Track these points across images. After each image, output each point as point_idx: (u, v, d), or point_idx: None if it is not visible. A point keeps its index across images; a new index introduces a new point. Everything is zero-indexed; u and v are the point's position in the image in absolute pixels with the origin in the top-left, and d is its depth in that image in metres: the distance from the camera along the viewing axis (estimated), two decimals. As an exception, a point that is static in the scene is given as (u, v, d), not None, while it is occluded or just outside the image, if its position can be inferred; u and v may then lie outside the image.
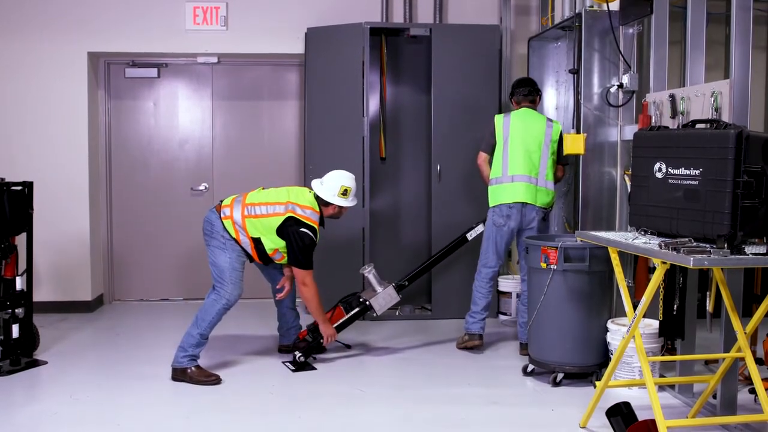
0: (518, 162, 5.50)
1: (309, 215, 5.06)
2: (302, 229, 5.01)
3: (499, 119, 5.61)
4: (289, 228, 5.00)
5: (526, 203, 5.46)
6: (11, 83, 6.84)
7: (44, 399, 4.74)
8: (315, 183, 5.24)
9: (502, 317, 6.67)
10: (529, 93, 5.68)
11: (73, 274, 6.94)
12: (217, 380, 4.92)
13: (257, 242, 5.06)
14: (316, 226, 5.08)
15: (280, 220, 5.01)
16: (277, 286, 5.49)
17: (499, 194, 5.53)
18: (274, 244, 5.06)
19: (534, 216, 5.48)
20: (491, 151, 5.62)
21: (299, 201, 5.08)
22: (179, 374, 4.94)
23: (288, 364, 5.30)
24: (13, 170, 6.30)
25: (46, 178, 6.54)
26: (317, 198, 5.16)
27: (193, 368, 4.94)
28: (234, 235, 5.03)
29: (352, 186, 5.22)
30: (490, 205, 5.58)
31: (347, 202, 5.21)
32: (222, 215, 5.07)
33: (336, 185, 5.16)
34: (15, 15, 6.80)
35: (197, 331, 4.96)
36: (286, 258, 5.14)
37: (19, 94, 6.85)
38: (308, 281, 5.07)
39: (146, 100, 7.44)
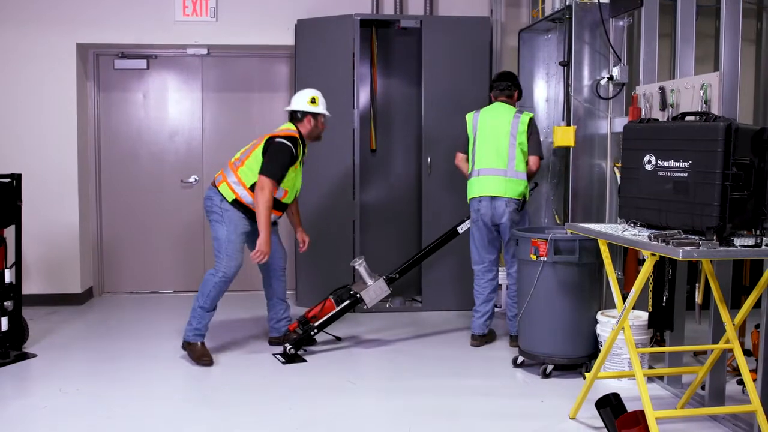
0: (486, 156, 5.49)
1: (287, 131, 5.23)
2: (281, 140, 5.15)
3: (469, 117, 5.62)
4: (270, 145, 5.15)
5: (495, 196, 5.44)
6: (-1, 75, 6.81)
7: (33, 392, 4.72)
8: (287, 109, 5.46)
9: (492, 309, 6.69)
10: (506, 88, 5.63)
11: (62, 266, 6.92)
12: (209, 362, 5.13)
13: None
14: (296, 138, 5.20)
15: (262, 146, 5.17)
16: (298, 240, 5.71)
17: (470, 189, 5.56)
18: None
19: (504, 209, 5.42)
20: (466, 150, 5.63)
21: (275, 131, 5.28)
22: (186, 347, 5.25)
23: (278, 356, 5.30)
24: (1, 162, 6.29)
25: (34, 171, 6.51)
26: (292, 121, 5.34)
27: (199, 344, 5.20)
28: (234, 196, 5.13)
29: (319, 95, 5.37)
30: (468, 201, 5.63)
31: (319, 109, 5.34)
32: (217, 183, 5.23)
33: (303, 96, 5.34)
34: (1, 6, 6.75)
35: (198, 305, 5.19)
36: (289, 194, 5.25)
37: (7, 86, 6.80)
38: (267, 188, 5.05)
39: (136, 92, 7.41)
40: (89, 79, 7.25)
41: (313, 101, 5.31)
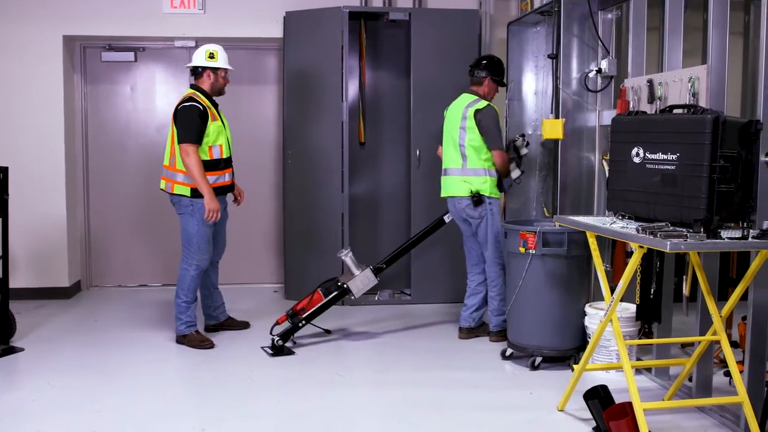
0: (447, 153, 5.53)
1: (184, 98, 5.33)
2: (182, 106, 5.25)
3: (445, 110, 5.64)
4: (175, 117, 5.28)
5: (453, 196, 5.48)
6: (-15, 67, 6.75)
7: (21, 386, 4.70)
8: (187, 66, 5.58)
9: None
10: (473, 75, 5.53)
11: (50, 260, 6.88)
12: (210, 345, 5.31)
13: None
14: (200, 101, 5.27)
15: (172, 126, 5.31)
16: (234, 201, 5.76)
17: (442, 189, 5.62)
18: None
19: (464, 206, 5.42)
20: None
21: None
22: (181, 339, 5.38)
23: (266, 349, 5.30)
24: (-13, 155, 6.24)
25: (21, 163, 6.47)
26: (195, 86, 5.44)
27: (193, 333, 5.36)
28: (190, 188, 5.21)
29: (218, 49, 5.44)
30: None
31: (218, 63, 5.39)
32: (170, 190, 5.33)
33: (201, 52, 5.41)
34: (-12, -3, 6.71)
35: (180, 300, 5.35)
36: (225, 148, 5.36)
37: (-7, 78, 6.76)
38: (190, 152, 5.16)
39: (123, 85, 7.37)
40: (76, 71, 7.20)
41: (211, 56, 5.38)
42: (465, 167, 5.41)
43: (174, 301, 5.39)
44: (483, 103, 5.38)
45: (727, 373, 4.39)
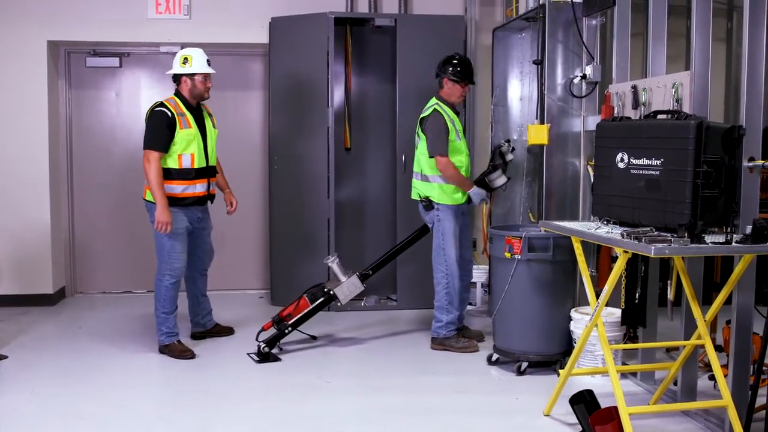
0: (414, 158, 5.58)
1: (159, 101, 5.30)
2: (156, 109, 5.22)
3: None
4: (146, 117, 5.27)
5: (415, 200, 5.57)
6: (-32, 72, 6.71)
7: (5, 394, 4.65)
8: (167, 73, 5.48)
9: (468, 307, 6.70)
10: (436, 75, 5.57)
11: (34, 266, 6.82)
12: (191, 355, 5.24)
13: (166, 172, 5.20)
14: (171, 108, 5.21)
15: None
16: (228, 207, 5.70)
17: None
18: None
19: (420, 210, 5.53)
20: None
21: None
22: (163, 349, 5.31)
23: (252, 355, 5.28)
24: (-30, 161, 6.20)
25: (5, 169, 6.44)
26: (177, 92, 5.37)
27: (175, 342, 5.30)
28: (162, 192, 5.12)
29: (193, 54, 5.31)
30: None
31: (191, 69, 5.29)
32: (146, 188, 5.29)
33: (177, 59, 5.34)
34: (-29, 2, 6.67)
35: (159, 311, 5.32)
36: (197, 158, 5.27)
37: (-23, 83, 6.72)
38: (151, 159, 5.12)
39: (108, 90, 7.34)
40: (61, 77, 7.17)
41: (185, 61, 5.30)
42: (420, 174, 5.49)
43: (154, 311, 5.35)
44: (429, 111, 5.39)
45: (712, 377, 4.41)
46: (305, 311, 5.45)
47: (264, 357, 5.21)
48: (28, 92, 6.77)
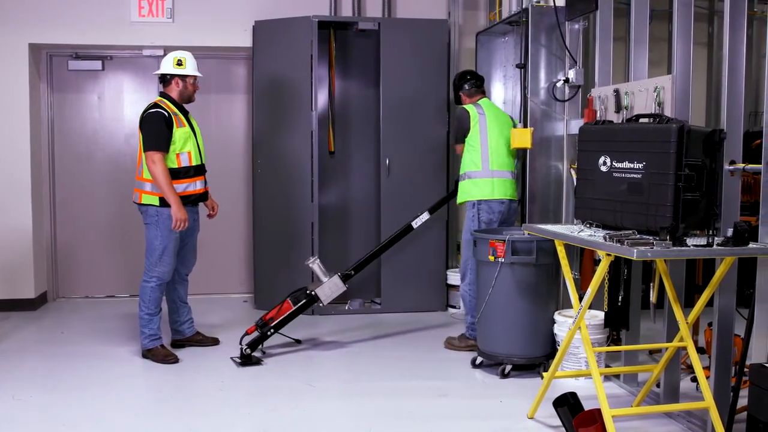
0: (501, 156, 5.49)
1: (153, 103, 5.31)
2: (147, 113, 5.21)
3: (471, 109, 5.53)
4: (140, 125, 5.24)
5: (513, 199, 5.58)
6: (-52, 75, 6.65)
7: (-15, 399, 4.63)
8: (155, 73, 5.55)
9: (451, 310, 6.72)
10: (481, 84, 5.72)
11: (15, 271, 6.77)
12: (174, 360, 5.23)
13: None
14: (166, 108, 5.22)
15: (139, 135, 5.28)
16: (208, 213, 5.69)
17: (484, 188, 5.45)
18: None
19: (515, 208, 5.64)
20: (459, 140, 5.62)
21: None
22: (146, 354, 5.29)
23: (235, 359, 5.26)
24: (-49, 165, 6.14)
25: (-15, 173, 6.38)
26: (163, 93, 5.39)
27: (158, 347, 5.28)
28: (158, 197, 5.14)
29: (186, 56, 5.39)
30: (475, 198, 5.48)
31: (186, 71, 5.34)
32: (137, 200, 5.27)
33: (169, 59, 5.36)
34: (-48, 5, 6.61)
35: (143, 312, 5.28)
36: (194, 155, 5.31)
37: (-43, 86, 6.66)
38: (156, 160, 5.12)
39: (90, 93, 7.29)
40: (42, 80, 7.12)
41: (179, 63, 5.34)
42: (512, 173, 5.54)
43: (138, 313, 5.32)
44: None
45: (694, 379, 4.44)
46: (287, 313, 5.43)
47: (246, 359, 5.19)
48: (10, 95, 6.71)
